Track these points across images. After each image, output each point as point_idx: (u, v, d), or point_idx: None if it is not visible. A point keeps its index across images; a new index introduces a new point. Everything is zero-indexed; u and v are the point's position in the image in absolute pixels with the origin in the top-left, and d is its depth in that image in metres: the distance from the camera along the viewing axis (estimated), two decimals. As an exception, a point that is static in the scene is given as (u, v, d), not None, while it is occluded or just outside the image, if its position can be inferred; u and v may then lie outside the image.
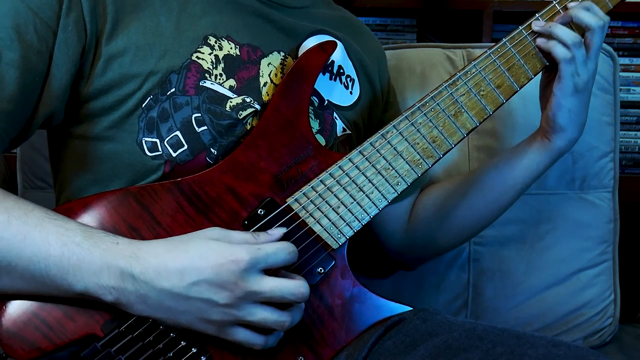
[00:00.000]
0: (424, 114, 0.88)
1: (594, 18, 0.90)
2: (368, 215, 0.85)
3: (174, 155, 0.82)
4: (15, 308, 0.73)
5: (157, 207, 0.78)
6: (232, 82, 0.85)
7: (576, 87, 0.91)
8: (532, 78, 0.93)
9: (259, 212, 0.81)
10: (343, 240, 0.83)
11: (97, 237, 0.72)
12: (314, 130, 0.90)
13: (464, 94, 0.89)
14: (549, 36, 0.91)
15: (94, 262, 0.71)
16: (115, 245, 0.72)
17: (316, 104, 0.92)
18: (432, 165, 0.88)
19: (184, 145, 0.83)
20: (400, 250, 1.11)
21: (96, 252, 0.71)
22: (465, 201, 1.02)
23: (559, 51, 0.90)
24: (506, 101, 0.91)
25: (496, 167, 1.01)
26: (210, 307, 0.72)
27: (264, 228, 0.80)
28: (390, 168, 0.86)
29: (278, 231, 0.79)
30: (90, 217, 0.77)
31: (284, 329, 0.76)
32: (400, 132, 0.87)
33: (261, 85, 0.87)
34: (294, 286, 0.74)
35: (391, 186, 0.86)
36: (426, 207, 1.06)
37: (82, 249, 0.71)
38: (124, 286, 0.71)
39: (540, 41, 0.91)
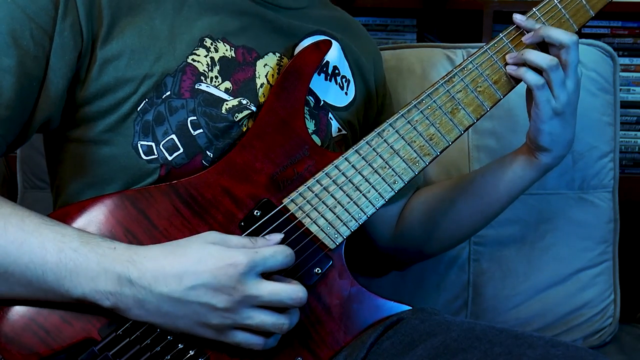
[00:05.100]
0: (421, 111, 0.87)
1: (567, 35, 0.85)
2: (365, 214, 0.84)
3: (170, 158, 0.82)
4: (13, 313, 0.73)
5: (153, 210, 0.78)
6: (227, 84, 0.85)
7: (555, 111, 0.87)
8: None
9: (255, 213, 0.81)
10: (340, 240, 0.83)
11: (94, 243, 0.72)
12: (310, 131, 0.90)
13: (461, 91, 0.88)
14: (523, 63, 0.87)
15: (91, 267, 0.71)
16: (112, 250, 0.72)
17: (312, 105, 0.92)
18: (429, 163, 0.87)
19: (179, 149, 0.82)
20: (390, 252, 1.11)
21: (93, 258, 0.71)
22: (451, 208, 1.01)
23: (530, 78, 0.86)
24: (503, 97, 0.90)
25: (483, 176, 0.99)
26: (208, 311, 0.72)
27: (261, 229, 0.80)
28: (387, 167, 0.85)
29: (276, 236, 0.79)
30: (86, 221, 0.77)
31: (283, 332, 0.76)
32: (396, 130, 0.86)
33: (258, 87, 0.87)
34: (292, 290, 0.74)
35: (388, 185, 0.85)
36: (414, 212, 1.05)
37: (79, 255, 0.71)
38: (121, 291, 0.71)
39: (510, 69, 0.88)
